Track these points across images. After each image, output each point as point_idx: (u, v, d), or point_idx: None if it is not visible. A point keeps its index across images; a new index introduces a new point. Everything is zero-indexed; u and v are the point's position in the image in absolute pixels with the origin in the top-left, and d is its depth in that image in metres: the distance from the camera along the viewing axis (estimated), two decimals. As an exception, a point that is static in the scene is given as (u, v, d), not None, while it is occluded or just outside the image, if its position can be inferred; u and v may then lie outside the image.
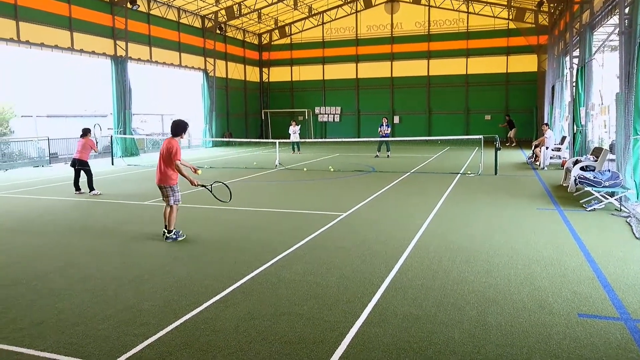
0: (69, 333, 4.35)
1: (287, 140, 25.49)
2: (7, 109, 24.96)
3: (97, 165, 18.90)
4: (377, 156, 22.33)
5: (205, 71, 32.48)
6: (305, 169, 17.92)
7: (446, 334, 4.26)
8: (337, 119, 38.76)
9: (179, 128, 7.71)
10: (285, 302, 5.02)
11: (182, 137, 7.76)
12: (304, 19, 37.84)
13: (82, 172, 12.70)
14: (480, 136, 18.03)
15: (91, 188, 12.56)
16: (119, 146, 24.70)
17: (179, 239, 7.68)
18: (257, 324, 4.50)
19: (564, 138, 20.15)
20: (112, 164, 20.86)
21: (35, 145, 21.91)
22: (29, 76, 29.46)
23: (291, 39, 39.32)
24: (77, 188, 12.65)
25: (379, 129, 22.34)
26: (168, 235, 7.67)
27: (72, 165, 12.74)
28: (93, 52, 24.05)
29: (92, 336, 4.29)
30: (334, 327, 4.40)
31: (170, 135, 7.81)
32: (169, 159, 7.56)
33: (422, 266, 6.16)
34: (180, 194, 8.02)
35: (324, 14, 37.72)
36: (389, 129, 22.56)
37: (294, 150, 25.79)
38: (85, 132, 12.82)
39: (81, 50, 23.37)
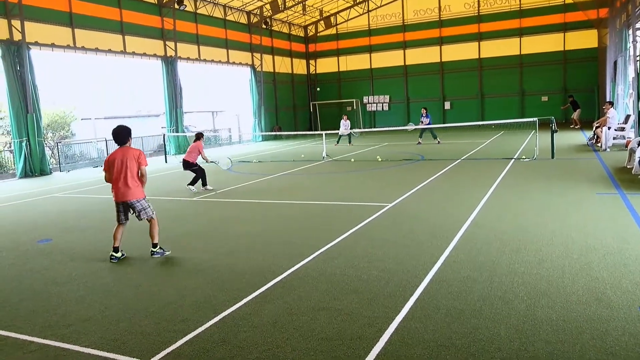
0: (113, 329, 4.46)
1: (337, 131, 25.40)
2: (67, 112, 26.24)
3: (152, 164, 19.51)
4: (419, 143, 22.52)
5: (252, 66, 32.84)
6: (352, 160, 17.76)
7: (491, 329, 4.03)
8: (385, 107, 38.23)
9: (128, 135, 6.72)
10: (325, 297, 4.93)
11: (130, 143, 6.79)
12: (349, 7, 37.45)
13: (199, 172, 12.54)
14: (535, 118, 17.19)
15: (204, 183, 12.58)
16: (172, 144, 25.44)
17: (166, 253, 6.81)
18: (295, 320, 4.44)
19: (628, 117, 18.87)
20: (166, 162, 21.50)
21: (95, 146, 22.93)
22: (86, 80, 30.89)
23: (337, 29, 39.04)
24: (204, 183, 12.65)
25: (422, 119, 22.98)
26: (155, 250, 6.77)
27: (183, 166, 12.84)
28: (144, 54, 24.82)
29: (134, 332, 4.37)
30: (373, 323, 4.28)
31: (116, 147, 6.76)
32: (135, 168, 6.61)
33: (469, 257, 5.90)
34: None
35: (369, 1, 37.16)
36: (429, 118, 23.01)
37: (349, 142, 25.41)
38: (198, 137, 12.90)
39: (133, 53, 24.18)
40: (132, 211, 6.78)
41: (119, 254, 6.76)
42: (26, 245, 7.93)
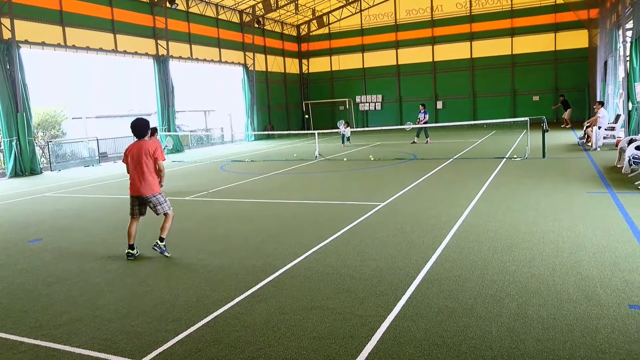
0: (104, 329, 4.44)
1: (329, 131, 25.46)
2: (58, 111, 26.03)
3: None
4: (414, 142, 22.55)
5: (245, 65, 32.75)
6: (345, 159, 17.77)
7: (483, 328, 4.05)
8: (378, 107, 38.28)
9: (146, 128, 6.66)
10: (317, 296, 4.94)
11: (148, 136, 6.74)
12: (342, 7, 37.45)
13: None
14: (526, 118, 17.29)
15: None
16: (164, 144, 25.26)
17: (166, 253, 6.67)
18: (287, 319, 4.44)
19: (618, 116, 19.03)
20: (158, 161, 21.38)
21: (86, 145, 22.76)
22: (77, 79, 30.60)
23: (329, 28, 39.03)
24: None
25: (419, 116, 23.01)
26: (160, 244, 6.65)
27: None
28: (136, 53, 24.67)
29: (125, 332, 4.35)
30: (365, 322, 4.28)
31: (135, 140, 6.71)
32: (151, 163, 6.58)
33: (460, 256, 5.93)
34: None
35: (362, 1, 37.18)
36: (427, 115, 23.21)
37: (343, 142, 25.33)
38: (152, 132, 12.03)
39: (124, 52, 24.02)
40: (148, 206, 6.73)
41: (134, 251, 6.75)
42: (17, 245, 7.86)
